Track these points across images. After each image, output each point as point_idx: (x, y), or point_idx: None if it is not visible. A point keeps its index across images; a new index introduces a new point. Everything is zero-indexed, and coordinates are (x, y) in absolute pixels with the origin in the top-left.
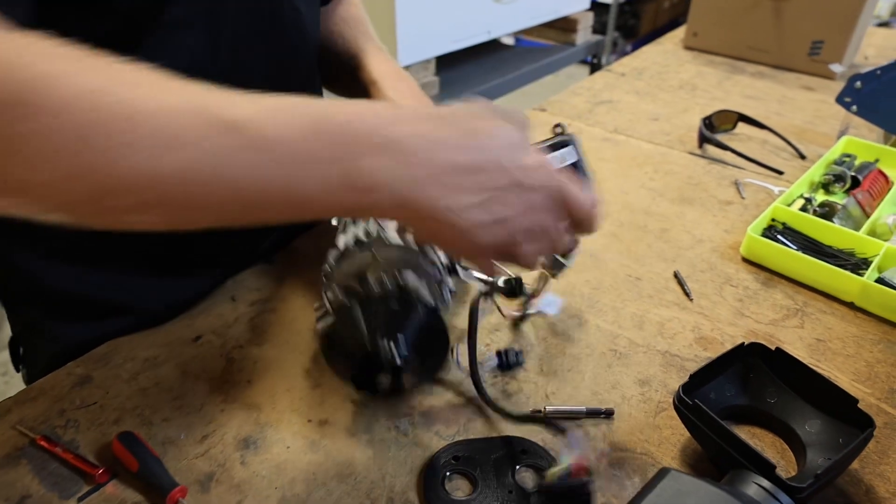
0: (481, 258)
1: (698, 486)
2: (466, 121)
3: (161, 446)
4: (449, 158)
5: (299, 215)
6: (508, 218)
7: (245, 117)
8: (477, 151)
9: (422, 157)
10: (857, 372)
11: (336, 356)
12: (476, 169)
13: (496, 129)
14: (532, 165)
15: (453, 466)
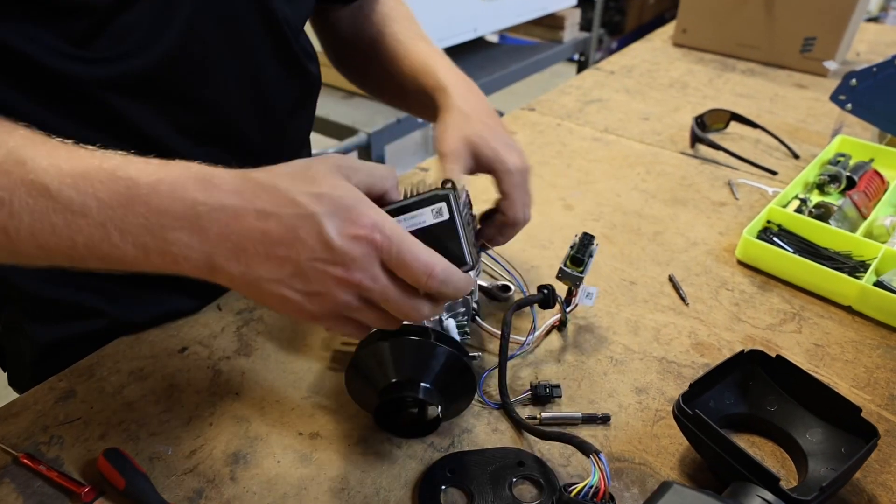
0: (322, 324)
1: (701, 500)
2: (288, 187)
3: (148, 462)
4: (250, 230)
5: (131, 271)
6: (322, 292)
7: (57, 182)
8: (284, 223)
9: (218, 231)
10: (856, 378)
11: (360, 388)
12: (279, 241)
13: (321, 194)
14: (350, 234)
15: (449, 479)
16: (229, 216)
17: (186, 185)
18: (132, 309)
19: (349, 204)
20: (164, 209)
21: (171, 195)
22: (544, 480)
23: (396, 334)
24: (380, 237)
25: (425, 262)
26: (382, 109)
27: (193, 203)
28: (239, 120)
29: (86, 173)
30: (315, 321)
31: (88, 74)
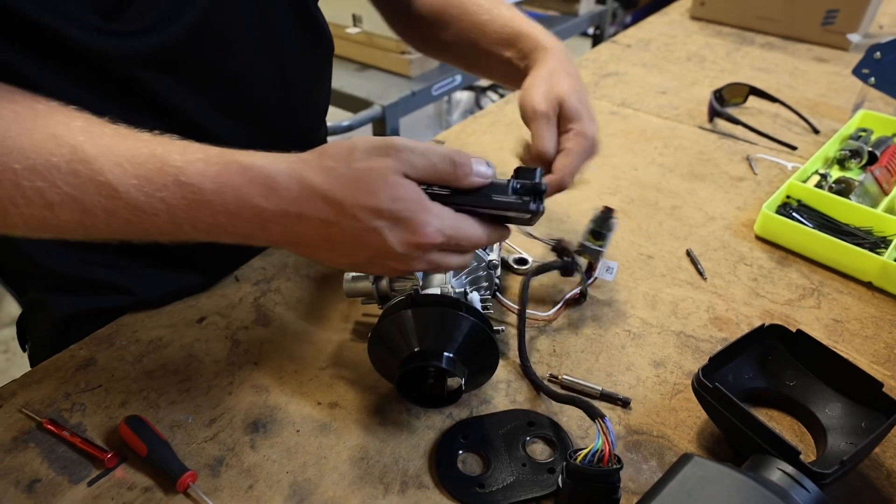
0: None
1: (722, 472)
2: (347, 198)
3: (169, 430)
4: (313, 234)
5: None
6: (384, 272)
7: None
8: (345, 231)
9: (282, 231)
10: (876, 354)
11: (383, 357)
12: (341, 243)
13: (380, 210)
14: (412, 243)
15: (464, 445)
16: (293, 221)
17: (250, 192)
18: (152, 286)
19: (408, 217)
20: (230, 213)
21: (236, 203)
22: (556, 439)
23: (422, 303)
24: (440, 239)
25: (482, 233)
26: (397, 82)
27: (258, 210)
28: (262, 91)
29: (149, 177)
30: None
31: (116, 48)
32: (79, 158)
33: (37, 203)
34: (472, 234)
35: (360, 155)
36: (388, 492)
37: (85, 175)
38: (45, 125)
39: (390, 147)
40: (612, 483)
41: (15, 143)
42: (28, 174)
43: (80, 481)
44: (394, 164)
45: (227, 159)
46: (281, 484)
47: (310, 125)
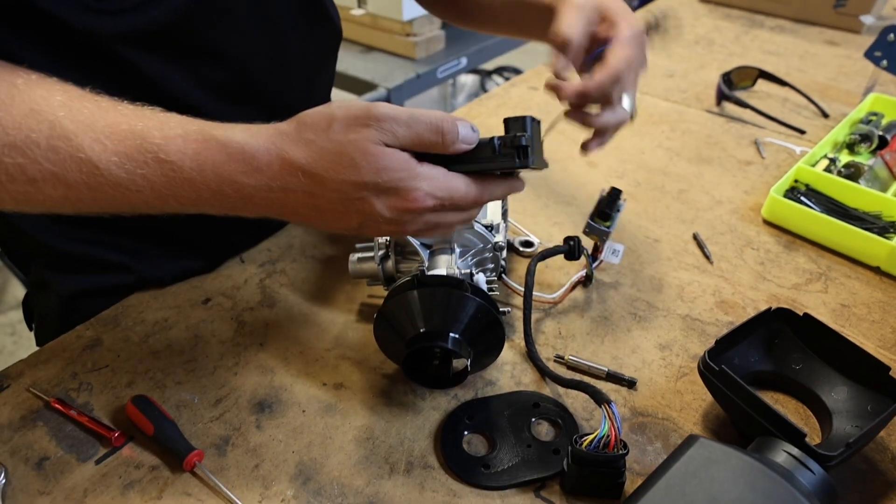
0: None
1: (728, 453)
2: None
3: (175, 409)
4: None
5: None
6: (382, 231)
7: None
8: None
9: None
10: (882, 338)
11: (389, 337)
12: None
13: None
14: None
15: (469, 426)
16: (277, 195)
17: (230, 169)
18: (155, 266)
19: (395, 185)
20: (213, 190)
21: (217, 180)
22: (562, 420)
23: (428, 283)
24: (431, 202)
25: (474, 193)
26: (402, 64)
27: (240, 186)
28: (261, 74)
29: (129, 154)
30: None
31: (108, 28)
32: (58, 135)
33: (19, 179)
34: (467, 194)
35: (338, 126)
36: (393, 472)
37: (65, 151)
38: (24, 100)
39: (370, 116)
40: (617, 468)
41: None
42: (8, 150)
43: (87, 459)
44: (375, 135)
45: (206, 135)
46: (287, 463)
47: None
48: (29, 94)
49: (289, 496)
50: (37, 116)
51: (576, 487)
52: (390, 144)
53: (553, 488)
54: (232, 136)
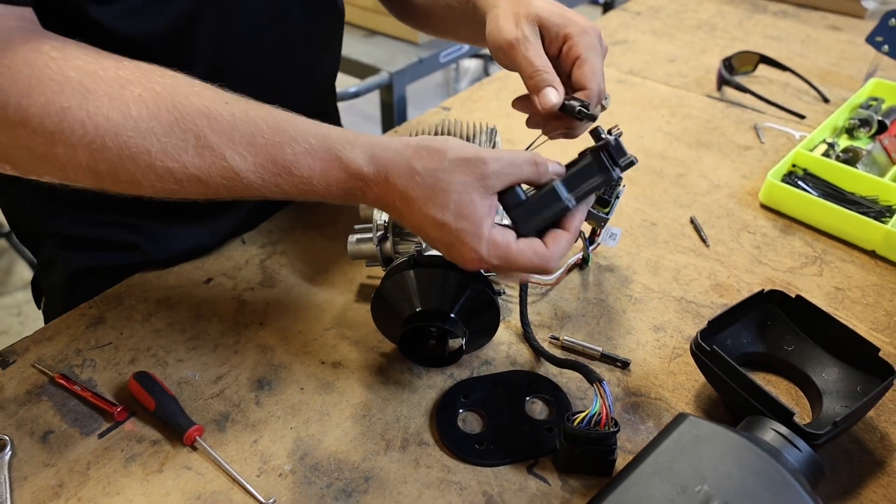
0: None
1: (716, 431)
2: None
3: (177, 386)
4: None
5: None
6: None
7: (251, 175)
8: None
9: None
10: (875, 321)
11: (385, 317)
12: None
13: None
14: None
15: (464, 404)
16: (379, 205)
17: (351, 186)
18: (160, 246)
19: (461, 238)
20: (333, 196)
21: (339, 191)
22: (555, 399)
23: (424, 264)
24: (483, 265)
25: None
26: (404, 49)
27: (354, 197)
28: (267, 58)
29: (265, 167)
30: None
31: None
32: (203, 144)
33: (168, 180)
34: (522, 262)
35: (448, 165)
36: (389, 448)
37: (209, 159)
38: (169, 110)
39: (479, 160)
40: (608, 445)
41: (147, 128)
42: (161, 156)
43: (91, 433)
44: (477, 182)
45: (331, 154)
46: (285, 439)
47: (316, 92)
48: (171, 100)
49: (286, 471)
50: (182, 127)
51: (568, 465)
52: (493, 187)
53: (546, 465)
54: (353, 158)
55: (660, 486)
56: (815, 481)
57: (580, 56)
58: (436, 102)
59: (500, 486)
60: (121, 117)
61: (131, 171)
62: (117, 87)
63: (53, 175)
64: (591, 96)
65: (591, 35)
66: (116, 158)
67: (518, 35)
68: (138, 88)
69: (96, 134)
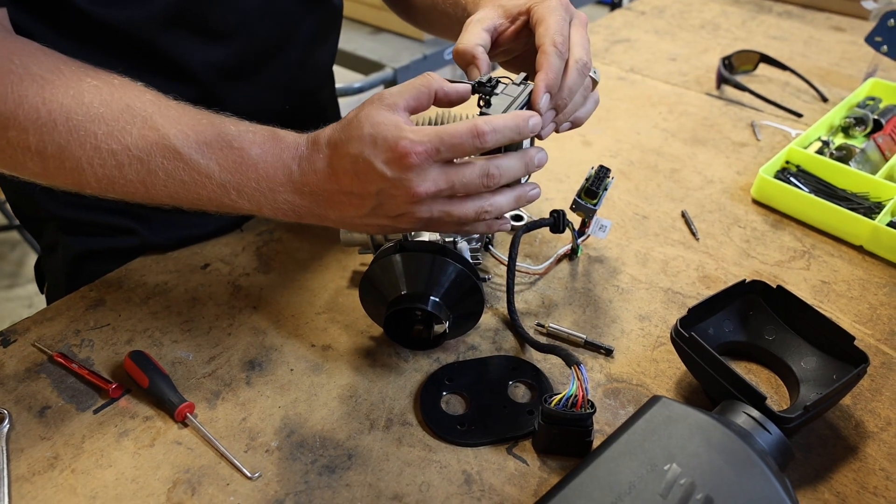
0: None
1: (688, 413)
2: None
3: (171, 366)
4: (333, 187)
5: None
6: (404, 212)
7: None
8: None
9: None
10: (859, 314)
11: (372, 300)
12: (351, 187)
13: (362, 136)
14: (395, 160)
15: (448, 387)
16: (318, 177)
17: (285, 156)
18: (159, 231)
19: (386, 135)
20: (269, 176)
21: (273, 165)
22: (537, 383)
23: (410, 248)
24: (421, 147)
25: (465, 128)
26: (409, 45)
27: (288, 170)
28: (261, 52)
29: (208, 141)
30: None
31: (127, 16)
32: (149, 126)
33: (109, 163)
34: (456, 131)
35: (357, 111)
36: (373, 427)
37: (152, 139)
38: (121, 97)
39: (377, 94)
40: (584, 426)
41: (98, 113)
42: (106, 138)
43: (86, 409)
44: (377, 103)
45: (268, 132)
46: (273, 417)
47: (311, 85)
48: (125, 92)
49: (273, 447)
50: (132, 111)
51: (546, 446)
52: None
53: (525, 446)
54: (287, 133)
55: (629, 464)
56: (783, 463)
57: (538, 19)
58: None
59: (479, 465)
60: (74, 102)
61: (77, 154)
62: (75, 79)
63: (2, 162)
64: (546, 50)
65: (552, 1)
66: (64, 141)
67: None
68: (96, 80)
69: (49, 118)
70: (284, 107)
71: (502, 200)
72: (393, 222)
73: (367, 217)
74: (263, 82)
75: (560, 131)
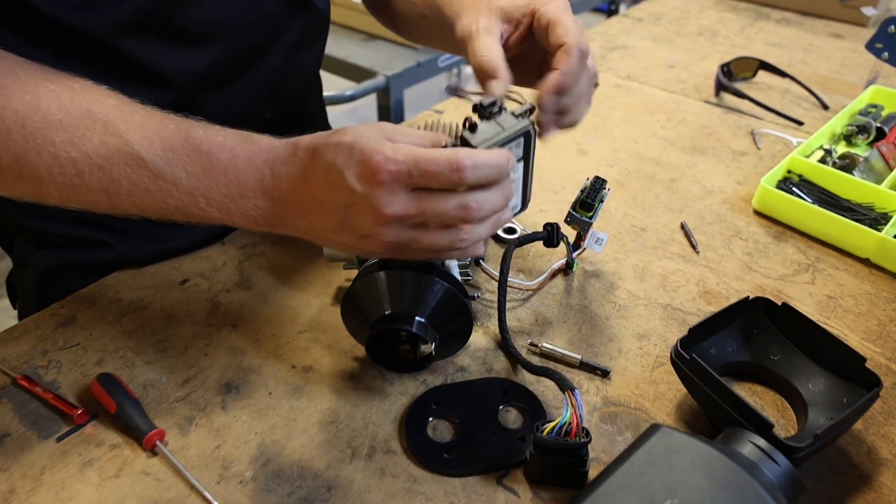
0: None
1: (689, 443)
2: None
3: (142, 388)
4: (303, 192)
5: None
6: (370, 234)
7: (151, 154)
8: (321, 180)
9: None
10: (867, 331)
11: (355, 319)
12: (322, 196)
13: (339, 143)
14: (365, 176)
15: (435, 412)
16: (290, 182)
17: (258, 160)
18: (135, 244)
19: (363, 147)
20: (240, 181)
21: (245, 169)
22: (530, 407)
23: (395, 266)
24: (394, 167)
25: (445, 158)
26: (402, 52)
27: (260, 174)
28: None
29: (174, 147)
30: (389, 256)
31: (98, 21)
32: (110, 132)
33: (69, 172)
34: (433, 157)
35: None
36: (355, 456)
37: (114, 146)
38: (81, 102)
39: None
40: (579, 456)
41: (56, 119)
42: (65, 146)
43: (49, 437)
44: (377, 125)
45: (242, 135)
46: (249, 444)
47: (296, 91)
48: (85, 97)
49: (247, 478)
50: (92, 116)
51: (538, 476)
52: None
53: (516, 477)
54: (264, 136)
55: (627, 499)
56: (793, 497)
57: (550, 20)
58: (432, 106)
59: (467, 497)
60: (30, 109)
61: (35, 163)
62: (32, 84)
63: None
64: (571, 50)
65: (558, 1)
66: (20, 150)
67: (472, 28)
68: (54, 85)
69: (2, 125)
70: (267, 114)
71: (480, 230)
72: (360, 243)
73: (336, 232)
74: (245, 88)
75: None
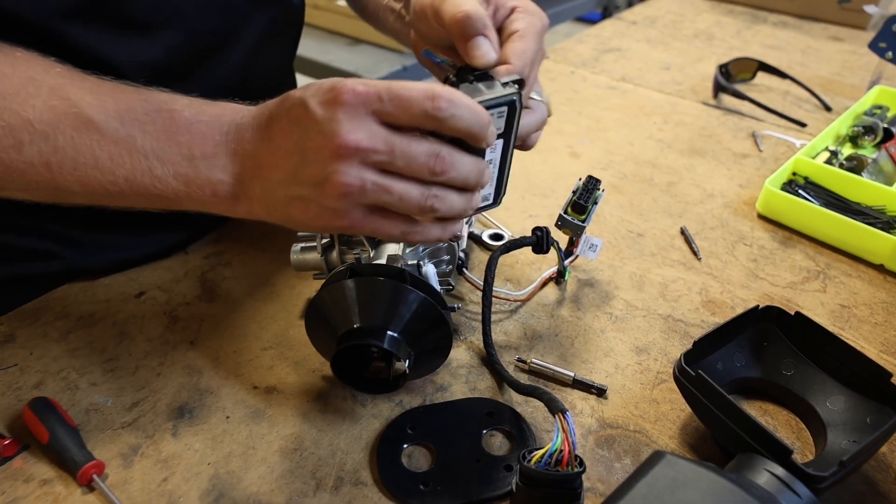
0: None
1: (698, 474)
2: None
3: (84, 414)
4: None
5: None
6: (329, 175)
7: (103, 115)
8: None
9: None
10: (886, 342)
11: (321, 333)
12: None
13: (309, 84)
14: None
15: (410, 437)
16: (253, 133)
17: (224, 118)
18: (92, 254)
19: (332, 83)
20: (204, 136)
21: (210, 124)
22: (517, 432)
23: (365, 272)
24: (362, 88)
25: (421, 87)
26: (388, 57)
27: (227, 130)
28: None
29: (131, 107)
30: (352, 226)
31: (32, 6)
32: (58, 96)
33: (4, 143)
34: (410, 88)
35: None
36: (319, 488)
37: (60, 110)
38: (24, 70)
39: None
40: (572, 488)
41: None
42: (2, 113)
43: None
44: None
45: (210, 101)
46: (199, 477)
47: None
48: (28, 64)
49: None
50: (36, 83)
51: None
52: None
53: None
54: (234, 103)
55: None
56: None
57: (518, 31)
58: None
59: None
60: None
61: None
62: None
63: None
64: (512, 72)
65: (537, 21)
66: None
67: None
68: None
69: None
70: None
71: (453, 199)
72: (315, 193)
73: (289, 185)
74: (207, 83)
75: None
